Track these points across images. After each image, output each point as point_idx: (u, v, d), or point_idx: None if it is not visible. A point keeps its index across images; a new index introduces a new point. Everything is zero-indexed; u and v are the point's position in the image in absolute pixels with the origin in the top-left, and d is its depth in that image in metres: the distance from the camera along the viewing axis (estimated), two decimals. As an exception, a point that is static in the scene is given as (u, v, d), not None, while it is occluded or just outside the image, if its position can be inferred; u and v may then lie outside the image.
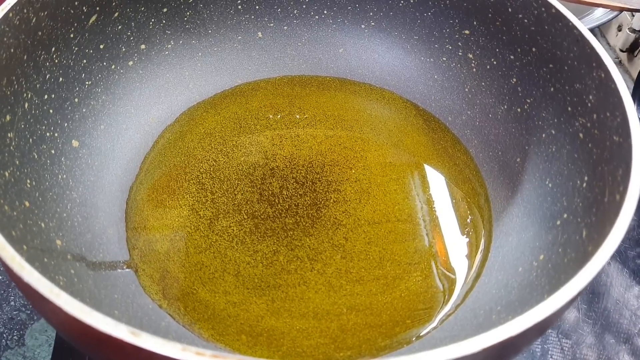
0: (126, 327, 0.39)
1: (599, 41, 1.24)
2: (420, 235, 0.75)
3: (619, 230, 0.50)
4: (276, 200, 0.77)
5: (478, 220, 0.77)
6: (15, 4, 0.63)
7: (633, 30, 1.14)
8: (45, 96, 0.69)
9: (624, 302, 0.80)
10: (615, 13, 1.07)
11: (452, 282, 0.71)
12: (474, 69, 0.85)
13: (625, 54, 1.18)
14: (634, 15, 1.13)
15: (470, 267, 0.73)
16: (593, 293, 0.80)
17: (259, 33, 0.90)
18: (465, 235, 0.76)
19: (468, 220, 0.77)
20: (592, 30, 1.09)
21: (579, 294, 0.46)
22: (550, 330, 0.76)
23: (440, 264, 0.72)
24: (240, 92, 0.91)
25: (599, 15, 1.09)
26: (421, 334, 0.66)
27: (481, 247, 0.75)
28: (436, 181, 0.81)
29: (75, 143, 0.73)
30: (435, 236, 0.75)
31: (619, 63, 1.19)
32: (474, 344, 0.40)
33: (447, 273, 0.72)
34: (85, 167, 0.73)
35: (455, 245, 0.75)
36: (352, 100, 0.91)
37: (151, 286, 0.68)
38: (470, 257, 0.74)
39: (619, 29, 1.19)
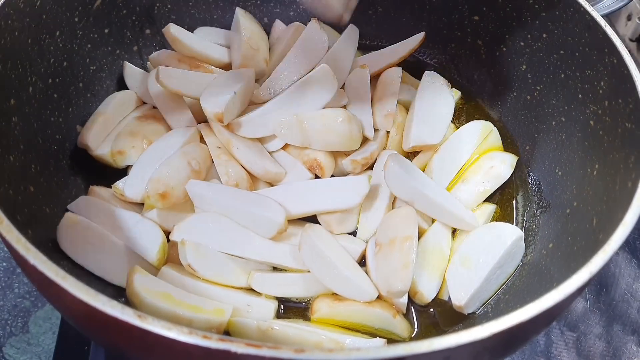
0: (133, 310, 0.39)
1: (608, 30, 1.23)
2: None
3: (632, 218, 0.49)
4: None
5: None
6: (19, -13, 0.62)
7: (643, 19, 1.12)
8: (50, 80, 0.69)
9: (632, 292, 0.79)
10: (625, 1, 1.06)
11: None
12: (483, 56, 0.84)
13: (635, 43, 1.16)
14: (644, 4, 1.12)
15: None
16: (601, 284, 0.79)
17: (265, 18, 0.89)
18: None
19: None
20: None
21: (589, 281, 0.46)
22: (560, 321, 0.75)
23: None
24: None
25: (608, 4, 1.08)
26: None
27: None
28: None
29: (79, 128, 0.73)
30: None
31: (628, 52, 1.18)
32: (483, 329, 0.40)
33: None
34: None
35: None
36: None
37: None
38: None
39: (629, 18, 1.17)
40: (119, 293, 0.61)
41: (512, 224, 0.73)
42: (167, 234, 0.63)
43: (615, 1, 1.07)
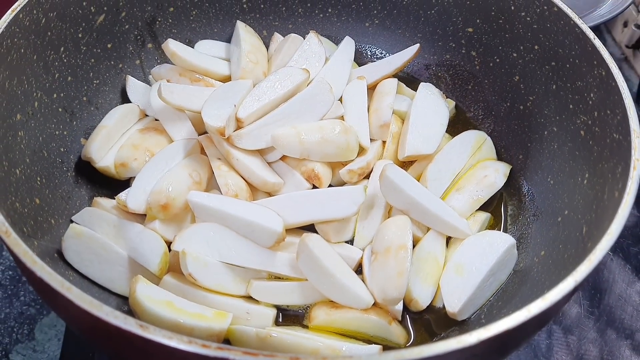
0: (135, 320, 0.40)
1: (604, 37, 1.24)
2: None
3: (617, 227, 0.50)
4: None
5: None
6: (25, 5, 0.64)
7: (638, 27, 1.13)
8: (55, 95, 0.71)
9: (626, 298, 0.80)
10: (621, 9, 1.07)
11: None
12: (477, 67, 0.85)
13: (631, 50, 1.18)
14: None
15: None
16: (595, 289, 0.80)
17: (264, 31, 0.91)
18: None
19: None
20: (597, 26, 1.09)
21: (575, 290, 0.47)
22: (554, 326, 0.77)
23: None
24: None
25: (604, 12, 1.09)
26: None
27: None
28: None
29: (84, 141, 0.74)
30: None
31: (625, 59, 1.19)
32: (470, 336, 0.41)
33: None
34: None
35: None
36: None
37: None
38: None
39: (625, 25, 1.19)
40: (123, 302, 0.63)
41: (505, 232, 0.74)
42: (169, 244, 0.64)
43: (610, 10, 1.08)
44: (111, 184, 0.73)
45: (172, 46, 0.79)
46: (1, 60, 0.61)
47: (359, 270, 0.67)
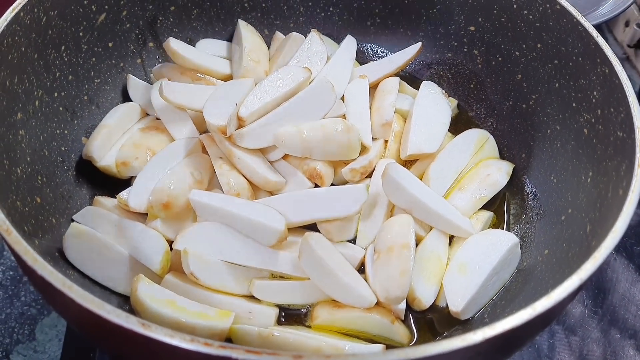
0: (137, 319, 0.40)
1: (606, 37, 1.24)
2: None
3: (621, 225, 0.50)
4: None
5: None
6: (26, 4, 0.64)
7: (640, 26, 1.13)
8: (56, 94, 0.71)
9: (629, 297, 0.80)
10: (623, 8, 1.07)
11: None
12: (480, 65, 0.85)
13: (633, 49, 1.17)
14: (641, 11, 1.13)
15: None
16: (599, 289, 0.80)
17: (266, 30, 0.91)
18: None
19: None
20: (599, 26, 1.09)
21: (580, 288, 0.47)
22: (557, 326, 0.76)
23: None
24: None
25: (606, 11, 1.09)
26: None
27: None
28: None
29: (85, 140, 0.74)
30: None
31: (626, 59, 1.19)
32: (475, 335, 0.41)
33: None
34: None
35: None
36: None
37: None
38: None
39: (627, 24, 1.19)
40: (124, 301, 0.62)
41: (508, 231, 0.74)
42: (170, 243, 0.64)
43: (612, 9, 1.08)
44: (112, 183, 0.73)
45: (174, 45, 0.79)
46: (2, 59, 0.61)
47: (361, 269, 0.67)
